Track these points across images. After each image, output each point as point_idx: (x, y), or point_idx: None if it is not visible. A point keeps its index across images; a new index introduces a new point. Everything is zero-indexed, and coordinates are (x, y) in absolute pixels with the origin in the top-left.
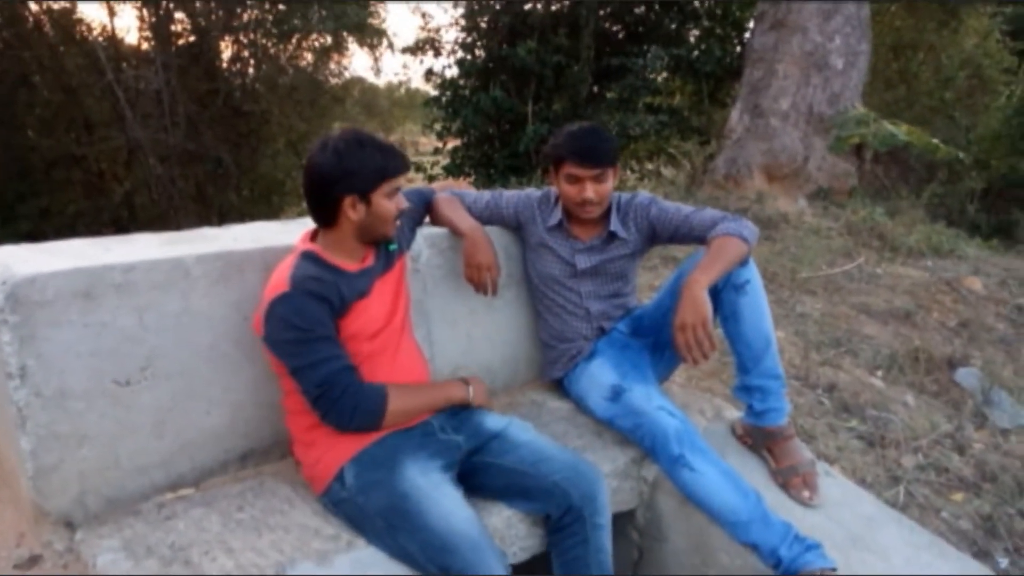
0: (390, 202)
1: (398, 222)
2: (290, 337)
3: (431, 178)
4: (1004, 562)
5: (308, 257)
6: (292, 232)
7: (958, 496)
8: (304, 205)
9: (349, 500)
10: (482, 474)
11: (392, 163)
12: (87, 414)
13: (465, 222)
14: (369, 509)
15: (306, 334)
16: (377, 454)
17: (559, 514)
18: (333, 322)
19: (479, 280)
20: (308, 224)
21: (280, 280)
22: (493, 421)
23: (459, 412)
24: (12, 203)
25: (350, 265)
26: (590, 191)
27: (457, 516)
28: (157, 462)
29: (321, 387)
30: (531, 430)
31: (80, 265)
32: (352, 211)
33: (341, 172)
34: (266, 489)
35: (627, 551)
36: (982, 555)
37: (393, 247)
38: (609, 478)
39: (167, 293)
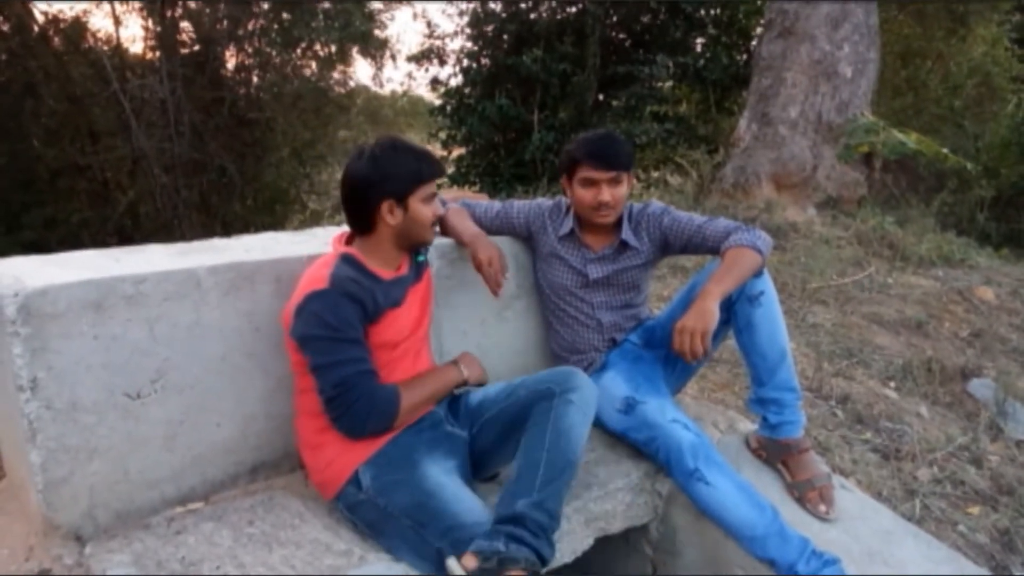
0: (426, 207)
1: (435, 228)
2: (319, 334)
3: (437, 187)
4: None
5: (348, 260)
6: (303, 243)
7: (974, 509)
8: (307, 214)
9: (368, 502)
10: (476, 444)
11: (427, 167)
12: (97, 427)
13: (468, 232)
14: (392, 509)
15: (335, 333)
16: (393, 454)
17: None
18: (363, 327)
19: (487, 275)
20: (317, 235)
21: (319, 277)
22: (475, 395)
23: (455, 402)
24: (17, 212)
25: (386, 273)
26: (606, 194)
27: (485, 514)
28: (167, 476)
29: (337, 387)
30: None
31: (91, 277)
32: (390, 216)
33: (378, 177)
34: (276, 503)
35: (641, 566)
36: (1000, 569)
37: (422, 258)
38: (623, 492)
39: (178, 305)
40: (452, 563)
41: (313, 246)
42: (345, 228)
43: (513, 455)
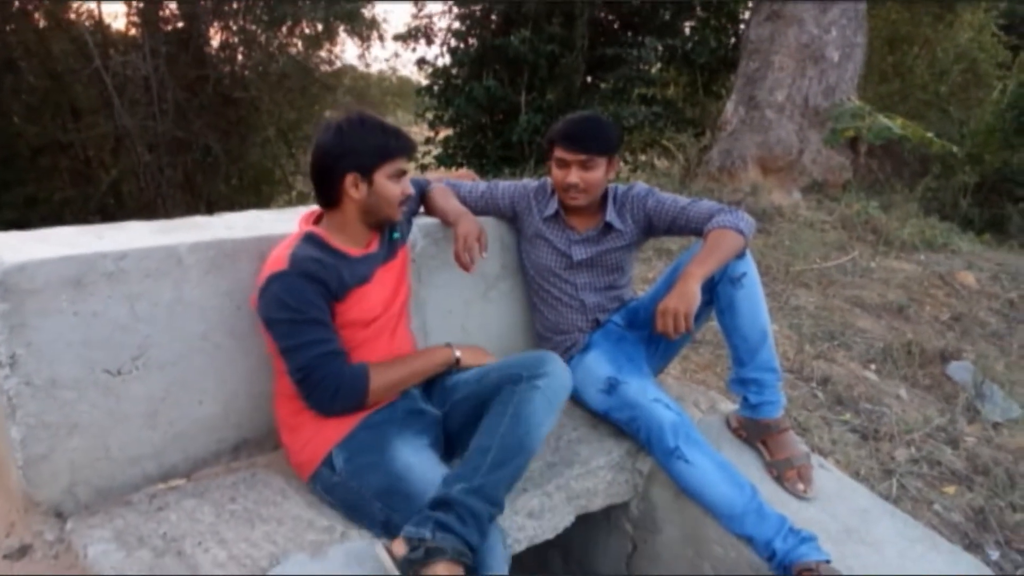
0: (394, 184)
1: (403, 207)
2: (281, 317)
3: (423, 167)
4: (995, 554)
5: (310, 239)
6: (286, 221)
7: (950, 489)
8: (293, 194)
9: (342, 484)
10: (448, 424)
11: (395, 143)
12: (78, 404)
13: (453, 210)
14: (365, 492)
15: (297, 315)
16: (365, 438)
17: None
18: (328, 305)
19: (464, 248)
20: (301, 214)
21: (280, 258)
22: (450, 377)
23: (431, 382)
24: None
25: (353, 250)
26: (574, 176)
27: None
28: (149, 453)
29: (303, 370)
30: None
31: (71, 253)
32: (354, 190)
33: (342, 150)
34: (259, 480)
35: (621, 543)
36: (973, 547)
37: (396, 235)
38: (604, 470)
39: (159, 282)
40: (380, 550)
41: (296, 225)
42: (316, 207)
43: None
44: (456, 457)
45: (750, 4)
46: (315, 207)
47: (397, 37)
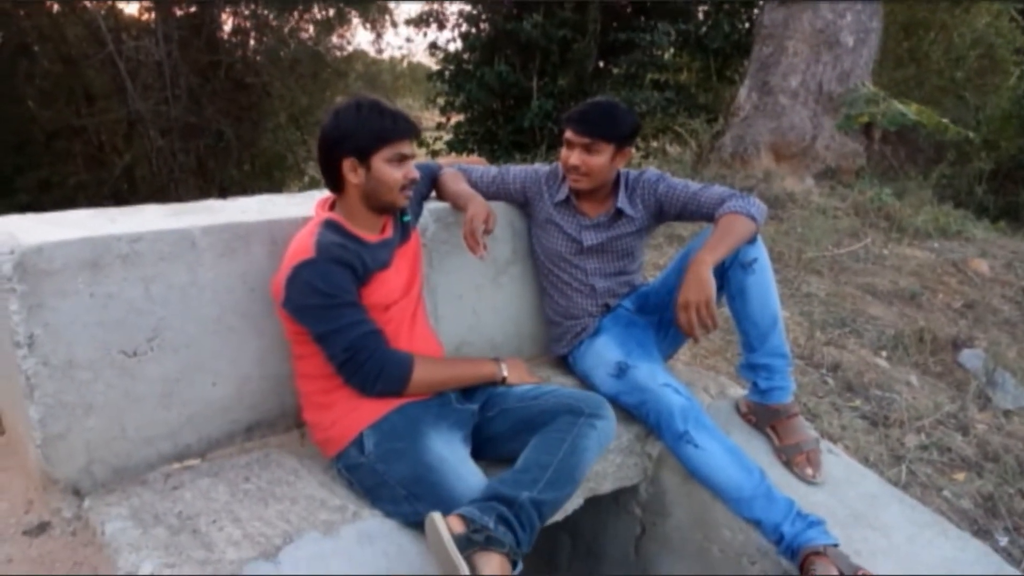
0: (394, 169)
1: (408, 192)
2: (315, 303)
3: (434, 153)
4: (1004, 540)
5: (330, 226)
6: (299, 205)
7: (960, 476)
8: (305, 180)
9: (367, 466)
10: (488, 427)
11: (392, 127)
12: (94, 384)
13: (464, 194)
14: (389, 477)
15: (332, 299)
16: (398, 423)
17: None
18: (356, 289)
19: (470, 229)
20: (314, 197)
21: (304, 246)
22: (500, 385)
23: (476, 387)
24: (11, 175)
25: (370, 236)
26: (575, 158)
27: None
28: (164, 433)
29: (348, 351)
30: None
31: (86, 235)
32: (352, 175)
33: (339, 134)
34: (272, 460)
35: (630, 526)
36: (982, 533)
37: (407, 218)
38: (613, 453)
39: (174, 264)
40: (437, 518)
41: (309, 208)
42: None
43: (514, 453)
44: (481, 458)
45: None
46: (328, 193)
47: (409, 22)
